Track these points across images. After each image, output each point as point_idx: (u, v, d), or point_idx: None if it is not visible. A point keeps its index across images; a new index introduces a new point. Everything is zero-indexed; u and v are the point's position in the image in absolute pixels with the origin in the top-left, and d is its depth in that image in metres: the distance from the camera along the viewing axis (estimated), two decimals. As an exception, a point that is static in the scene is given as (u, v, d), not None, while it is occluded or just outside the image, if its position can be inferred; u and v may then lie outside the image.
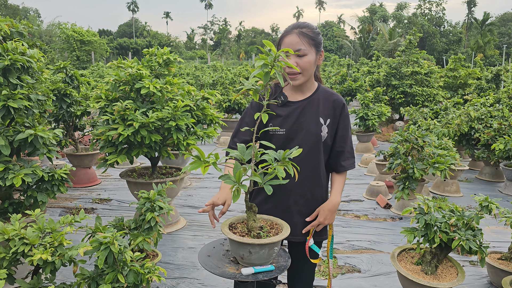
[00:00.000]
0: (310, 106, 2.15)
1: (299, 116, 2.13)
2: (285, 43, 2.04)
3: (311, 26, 2.08)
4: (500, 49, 46.66)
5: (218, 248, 1.92)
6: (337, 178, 2.26)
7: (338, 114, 2.18)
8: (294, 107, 2.14)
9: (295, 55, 2.01)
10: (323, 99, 2.17)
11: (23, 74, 3.16)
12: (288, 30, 2.07)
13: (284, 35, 2.07)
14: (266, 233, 1.74)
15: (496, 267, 3.37)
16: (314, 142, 2.13)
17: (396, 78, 11.99)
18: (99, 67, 18.26)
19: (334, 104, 2.18)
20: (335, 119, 2.18)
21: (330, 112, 2.17)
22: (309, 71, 2.08)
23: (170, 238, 4.41)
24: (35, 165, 3.14)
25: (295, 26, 2.07)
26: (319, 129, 2.13)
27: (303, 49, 2.00)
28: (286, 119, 2.12)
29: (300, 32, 2.03)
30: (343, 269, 3.77)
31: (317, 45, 2.07)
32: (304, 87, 2.16)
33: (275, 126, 2.13)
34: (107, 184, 6.47)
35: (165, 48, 4.47)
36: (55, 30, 42.95)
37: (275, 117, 2.14)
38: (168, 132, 4.05)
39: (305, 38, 2.02)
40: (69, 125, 6.03)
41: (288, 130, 2.12)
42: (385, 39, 42.49)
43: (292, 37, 2.02)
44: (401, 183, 5.05)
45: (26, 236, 2.22)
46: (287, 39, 2.04)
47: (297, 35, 2.02)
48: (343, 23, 72.15)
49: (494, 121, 6.84)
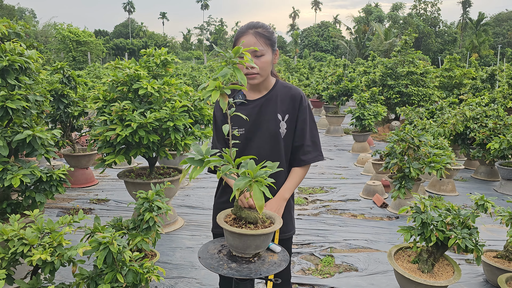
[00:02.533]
0: (267, 104, 2.16)
1: (257, 115, 2.14)
2: (241, 43, 2.05)
3: (265, 26, 2.10)
4: (495, 49, 46.88)
5: (217, 246, 1.94)
6: (293, 172, 2.21)
7: (296, 107, 2.17)
8: (252, 105, 2.16)
9: (253, 55, 2.04)
10: (281, 95, 2.18)
11: (21, 75, 3.16)
12: (243, 30, 2.08)
13: (239, 35, 2.08)
14: (268, 223, 1.80)
15: (492, 265, 3.40)
16: (273, 140, 2.14)
17: (392, 78, 12.04)
18: (95, 67, 18.22)
19: (292, 98, 2.18)
20: (294, 114, 2.17)
21: (289, 107, 2.17)
22: (267, 71, 2.10)
23: (168, 238, 4.43)
24: (33, 165, 3.14)
25: (250, 27, 2.07)
26: (277, 126, 2.14)
27: (260, 49, 2.03)
28: (244, 119, 2.13)
29: (256, 32, 2.04)
30: (340, 268, 3.79)
31: (273, 44, 2.10)
32: (261, 86, 2.17)
33: (235, 126, 2.14)
34: (104, 185, 6.47)
35: (162, 49, 4.48)
36: (50, 31, 42.78)
37: (235, 117, 2.14)
38: (166, 132, 4.06)
39: (261, 38, 2.04)
40: (67, 125, 6.03)
41: (247, 129, 2.14)
42: (380, 39, 42.62)
43: (249, 38, 2.04)
44: (397, 182, 5.08)
45: (25, 236, 2.23)
46: (244, 39, 2.05)
47: (253, 35, 2.04)
48: (339, 24, 72.18)
49: (489, 120, 6.89)
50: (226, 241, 1.79)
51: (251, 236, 1.68)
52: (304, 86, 17.04)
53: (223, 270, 1.67)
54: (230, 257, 1.80)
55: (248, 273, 1.66)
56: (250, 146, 2.13)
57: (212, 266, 1.71)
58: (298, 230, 4.63)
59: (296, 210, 5.35)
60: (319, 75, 17.02)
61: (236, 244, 1.73)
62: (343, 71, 12.63)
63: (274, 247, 1.88)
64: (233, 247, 1.77)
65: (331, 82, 12.41)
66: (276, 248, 1.87)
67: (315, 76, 18.59)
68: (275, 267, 1.73)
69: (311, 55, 50.16)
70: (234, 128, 2.14)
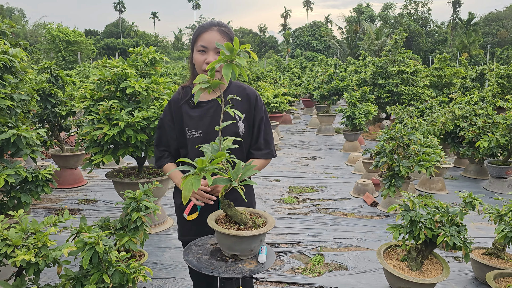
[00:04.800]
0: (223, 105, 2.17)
1: (213, 116, 2.12)
2: (205, 39, 2.05)
3: (228, 26, 2.13)
4: (485, 49, 47.29)
5: (204, 246, 1.92)
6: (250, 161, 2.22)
7: (252, 107, 2.19)
8: (207, 107, 2.15)
9: (214, 52, 2.04)
10: (236, 94, 2.17)
11: (5, 73, 3.11)
12: (206, 26, 2.08)
13: (202, 31, 2.07)
14: (257, 223, 1.79)
15: (480, 262, 3.42)
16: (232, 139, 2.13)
17: (383, 77, 12.08)
18: (85, 67, 18.08)
19: (247, 97, 2.19)
20: (250, 113, 2.18)
21: (245, 107, 2.17)
22: None
23: (157, 238, 4.39)
24: (18, 165, 3.10)
25: (214, 24, 2.09)
26: (236, 126, 2.13)
27: None
28: (201, 121, 2.13)
29: (221, 30, 2.06)
30: (330, 267, 3.79)
31: None
32: None
33: (191, 129, 2.13)
34: (93, 185, 6.41)
35: (150, 47, 4.44)
36: (40, 31, 42.40)
37: (189, 119, 2.14)
38: (154, 131, 4.03)
39: (225, 37, 2.06)
40: (54, 125, 5.96)
41: (204, 131, 2.12)
42: (372, 39, 42.81)
43: (213, 34, 2.04)
44: (387, 181, 5.09)
45: (8, 237, 2.19)
46: (207, 36, 2.05)
47: (218, 32, 2.05)
48: (330, 23, 72.41)
49: (478, 119, 6.93)
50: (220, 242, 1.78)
51: (237, 237, 1.67)
52: (295, 85, 17.04)
53: (209, 270, 1.66)
54: (212, 256, 1.78)
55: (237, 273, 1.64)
56: None
57: (198, 265, 1.69)
58: (288, 229, 4.62)
59: (287, 209, 5.34)
60: (310, 74, 17.04)
61: (229, 245, 1.72)
62: (334, 71, 12.64)
63: (261, 257, 1.78)
64: (224, 247, 1.76)
65: (322, 81, 12.42)
66: (262, 258, 1.78)
67: (306, 76, 18.63)
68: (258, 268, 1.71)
69: (303, 55, 50.24)
70: (190, 132, 2.13)
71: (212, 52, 2.04)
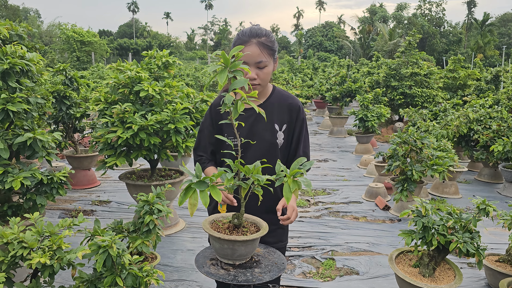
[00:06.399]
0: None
1: (253, 124, 2.08)
2: (245, 53, 1.94)
3: (268, 34, 2.02)
4: (500, 50, 46.66)
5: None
6: None
7: (294, 118, 2.12)
8: (247, 114, 2.08)
9: (255, 66, 1.97)
10: (278, 103, 2.12)
11: (22, 77, 3.17)
12: (246, 39, 1.98)
13: (242, 44, 1.97)
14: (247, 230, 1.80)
15: (493, 269, 3.38)
16: (269, 150, 2.08)
17: (396, 79, 12.00)
18: (99, 68, 18.27)
19: (289, 107, 2.12)
20: (291, 124, 2.13)
21: (286, 117, 2.11)
22: (267, 81, 2.04)
23: (169, 240, 4.43)
24: (34, 168, 3.15)
25: (253, 35, 1.98)
26: (274, 137, 2.08)
27: (264, 61, 1.96)
28: (239, 128, 2.06)
29: (260, 42, 1.96)
30: (341, 271, 3.78)
31: (274, 54, 2.04)
32: (258, 93, 2.09)
33: (230, 135, 2.08)
34: (106, 186, 6.48)
35: (164, 51, 4.48)
36: (55, 31, 42.96)
37: (228, 126, 2.10)
38: (167, 134, 4.06)
39: (265, 50, 1.97)
40: (69, 127, 6.04)
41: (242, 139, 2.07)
42: (385, 40, 42.50)
43: (253, 48, 1.95)
44: (399, 185, 5.06)
45: (24, 239, 2.23)
46: (247, 50, 1.95)
47: (257, 46, 1.95)
48: (343, 24, 72.06)
49: (493, 122, 6.85)
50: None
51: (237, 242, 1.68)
52: (307, 86, 17.01)
53: (220, 275, 1.67)
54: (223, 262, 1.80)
55: (249, 279, 1.65)
56: (245, 156, 2.02)
57: (209, 271, 1.71)
58: (299, 233, 4.62)
59: (298, 212, 5.33)
60: (322, 75, 16.99)
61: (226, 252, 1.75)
62: (346, 72, 12.59)
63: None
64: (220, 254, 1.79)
65: (335, 83, 12.38)
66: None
67: (318, 77, 18.57)
68: (276, 271, 1.72)
69: (315, 55, 50.08)
70: (229, 138, 2.07)
71: (253, 67, 1.97)
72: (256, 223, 1.89)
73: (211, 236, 1.71)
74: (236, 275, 1.66)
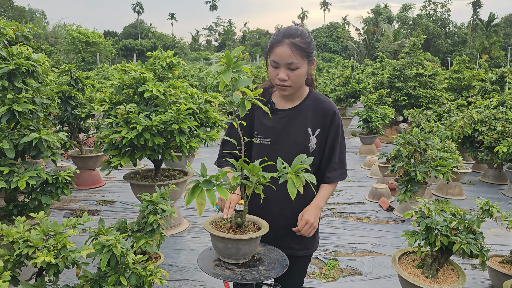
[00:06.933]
0: (298, 115, 2.04)
1: (285, 126, 2.03)
2: (276, 53, 1.89)
3: (303, 35, 1.91)
4: (506, 50, 46.43)
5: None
6: (323, 187, 2.11)
7: (328, 123, 2.05)
8: (281, 115, 2.04)
9: (286, 67, 1.90)
10: (312, 107, 2.06)
11: (28, 78, 3.20)
12: (279, 39, 1.90)
13: (275, 44, 1.91)
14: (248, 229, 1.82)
15: (497, 270, 3.38)
16: (301, 153, 1.99)
17: (400, 80, 11.98)
18: (104, 68, 18.36)
19: (324, 112, 2.05)
20: (324, 129, 2.06)
21: (319, 122, 2.05)
22: (300, 83, 1.97)
23: (173, 240, 4.45)
24: (39, 168, 3.18)
25: (287, 35, 1.89)
26: (307, 141, 2.03)
27: (295, 62, 1.87)
28: (272, 128, 2.03)
29: (292, 43, 1.87)
30: (345, 272, 3.78)
31: (310, 55, 1.94)
32: (294, 95, 2.05)
33: (260, 134, 2.05)
34: (111, 186, 6.52)
35: (168, 51, 4.51)
36: (60, 32, 43.22)
37: (260, 124, 2.06)
38: (171, 135, 4.08)
39: (297, 51, 1.87)
40: (74, 127, 6.08)
41: (273, 140, 2.03)
42: (389, 41, 42.39)
43: (284, 49, 1.87)
44: (403, 186, 5.05)
45: (30, 238, 2.25)
46: (279, 50, 1.88)
47: (289, 47, 1.86)
48: (347, 24, 72.05)
49: (497, 123, 6.83)
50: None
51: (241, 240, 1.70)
52: (311, 87, 16.97)
53: (223, 275, 1.68)
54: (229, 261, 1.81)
55: (256, 277, 1.67)
56: (275, 157, 1.88)
57: (211, 270, 1.72)
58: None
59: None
60: (327, 76, 16.97)
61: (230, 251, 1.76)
62: (350, 73, 12.58)
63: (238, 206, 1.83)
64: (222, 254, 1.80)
65: (339, 83, 12.38)
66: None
67: (323, 78, 18.56)
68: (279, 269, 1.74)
69: (320, 56, 50.07)
70: (259, 137, 2.05)
71: (283, 68, 1.90)
72: (256, 222, 1.90)
73: (214, 237, 1.72)
74: (243, 274, 1.68)
